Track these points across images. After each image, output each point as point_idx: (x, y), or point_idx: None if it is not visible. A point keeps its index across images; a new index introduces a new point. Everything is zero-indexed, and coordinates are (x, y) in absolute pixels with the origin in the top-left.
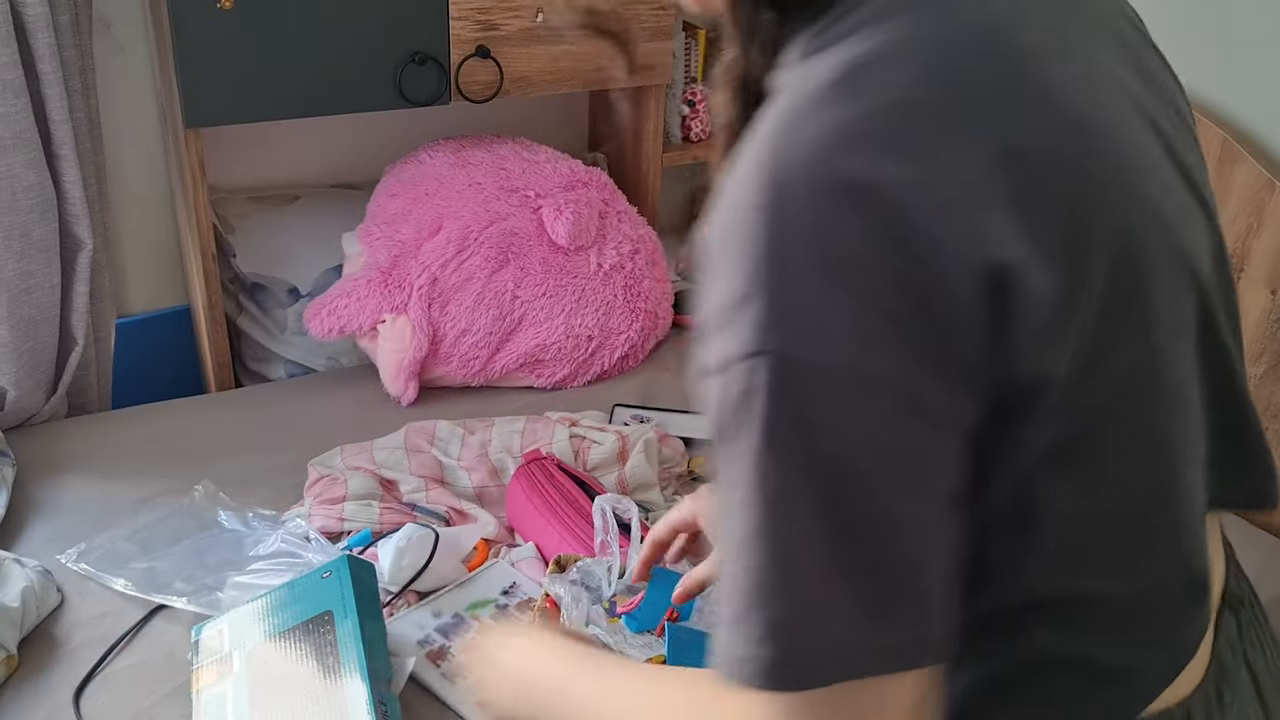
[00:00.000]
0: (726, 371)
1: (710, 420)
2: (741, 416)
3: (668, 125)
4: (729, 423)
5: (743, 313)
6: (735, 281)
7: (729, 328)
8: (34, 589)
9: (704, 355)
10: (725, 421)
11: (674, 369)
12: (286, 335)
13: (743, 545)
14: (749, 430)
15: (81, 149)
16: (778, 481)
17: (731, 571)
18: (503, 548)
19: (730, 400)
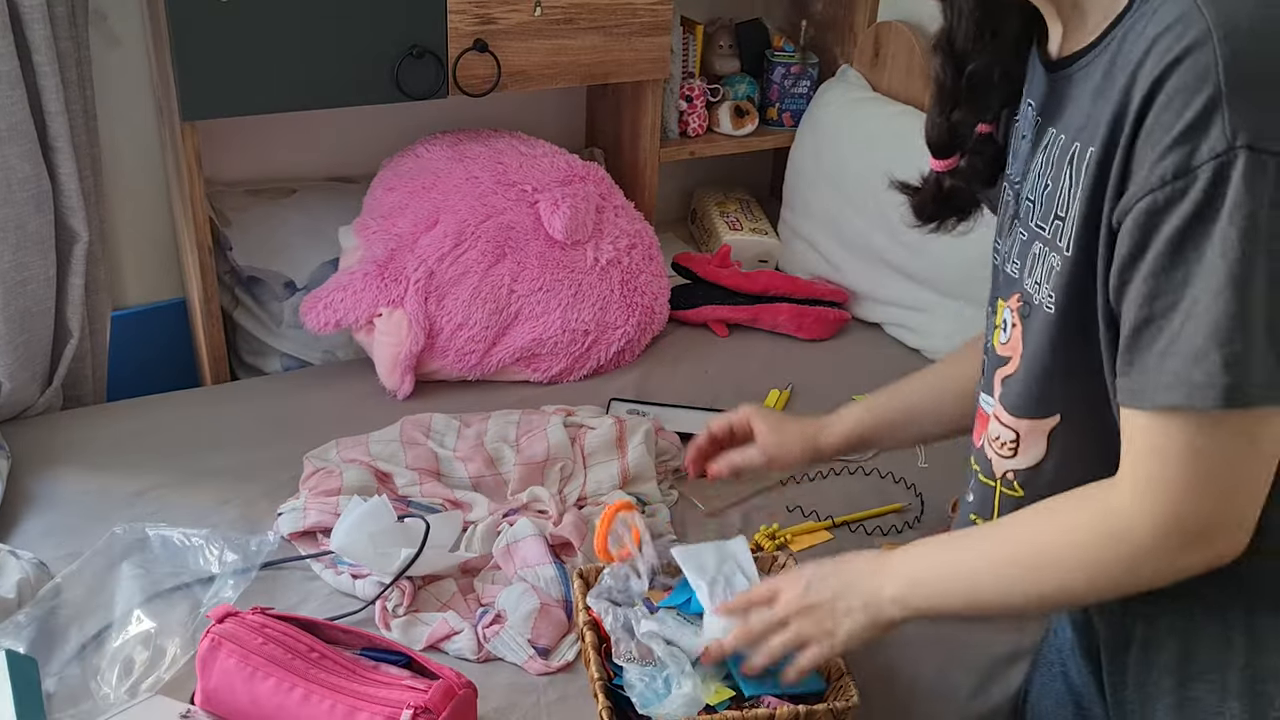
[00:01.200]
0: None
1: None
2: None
3: (665, 120)
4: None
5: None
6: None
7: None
8: (29, 581)
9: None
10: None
11: (671, 363)
12: (282, 328)
13: (1209, 304)
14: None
15: (77, 141)
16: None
17: (1194, 320)
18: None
19: (1199, 195)
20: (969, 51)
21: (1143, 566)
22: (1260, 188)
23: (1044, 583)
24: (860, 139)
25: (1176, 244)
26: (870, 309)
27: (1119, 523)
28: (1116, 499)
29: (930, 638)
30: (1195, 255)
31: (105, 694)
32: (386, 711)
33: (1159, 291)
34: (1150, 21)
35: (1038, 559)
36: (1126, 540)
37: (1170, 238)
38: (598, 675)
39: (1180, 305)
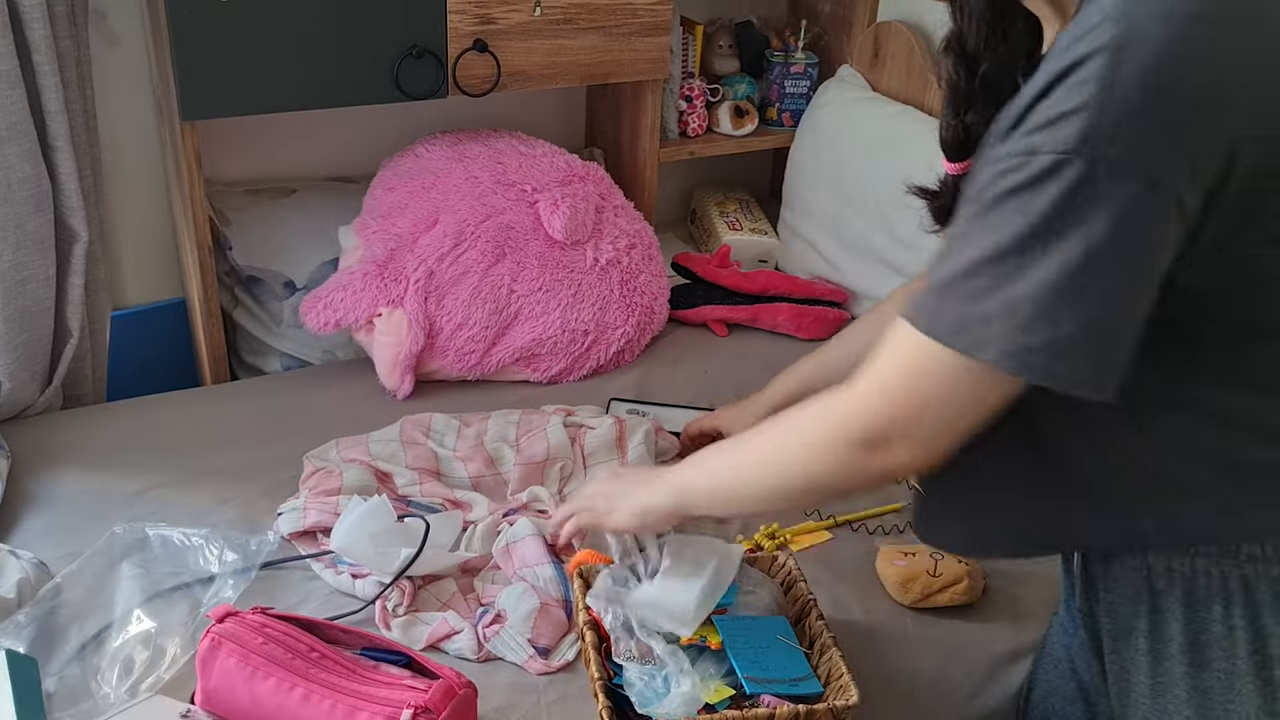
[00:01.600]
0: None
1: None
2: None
3: (665, 120)
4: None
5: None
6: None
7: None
8: (29, 580)
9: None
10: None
11: (670, 363)
12: (282, 328)
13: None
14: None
15: (77, 141)
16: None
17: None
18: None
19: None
20: (981, 53)
21: (833, 451)
22: (1079, 194)
23: (769, 469)
24: (860, 139)
25: (992, 201)
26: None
27: (829, 405)
28: (840, 390)
29: (930, 638)
30: (995, 213)
31: (105, 694)
32: (386, 711)
33: (965, 232)
34: (1077, 23)
35: (770, 447)
36: (827, 419)
37: (991, 196)
38: (598, 675)
39: (963, 250)
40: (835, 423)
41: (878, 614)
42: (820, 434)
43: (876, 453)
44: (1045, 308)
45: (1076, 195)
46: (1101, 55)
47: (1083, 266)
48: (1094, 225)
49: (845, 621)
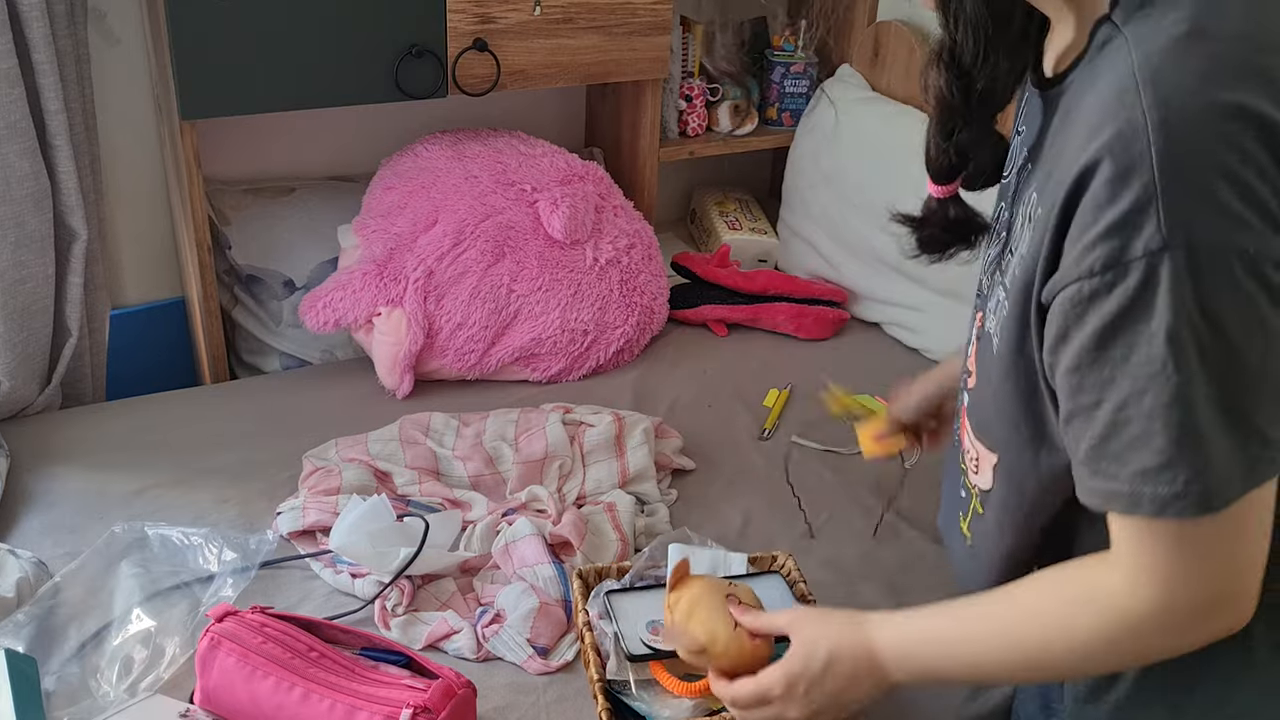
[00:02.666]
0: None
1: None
2: (1142, 305)
3: (664, 120)
4: (1123, 313)
5: (1143, 215)
6: (1132, 191)
7: (1127, 230)
8: (28, 580)
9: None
10: (1119, 312)
11: (670, 363)
12: (282, 328)
13: (1159, 412)
14: (1151, 317)
15: (76, 139)
16: (1183, 360)
17: (1143, 428)
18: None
19: (1130, 292)
20: (975, 66)
21: (1149, 647)
22: (1192, 286)
23: (1052, 665)
24: (859, 139)
25: (1103, 338)
26: (869, 309)
27: (1119, 609)
28: (1112, 583)
29: None
30: (1133, 356)
31: (105, 693)
32: (386, 711)
33: (1085, 385)
34: (1097, 79)
35: (1043, 641)
36: (1123, 622)
37: (1098, 331)
38: (597, 675)
39: (1112, 402)
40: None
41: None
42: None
43: (1201, 626)
44: (1236, 414)
45: (1187, 282)
46: (1149, 133)
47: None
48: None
49: None
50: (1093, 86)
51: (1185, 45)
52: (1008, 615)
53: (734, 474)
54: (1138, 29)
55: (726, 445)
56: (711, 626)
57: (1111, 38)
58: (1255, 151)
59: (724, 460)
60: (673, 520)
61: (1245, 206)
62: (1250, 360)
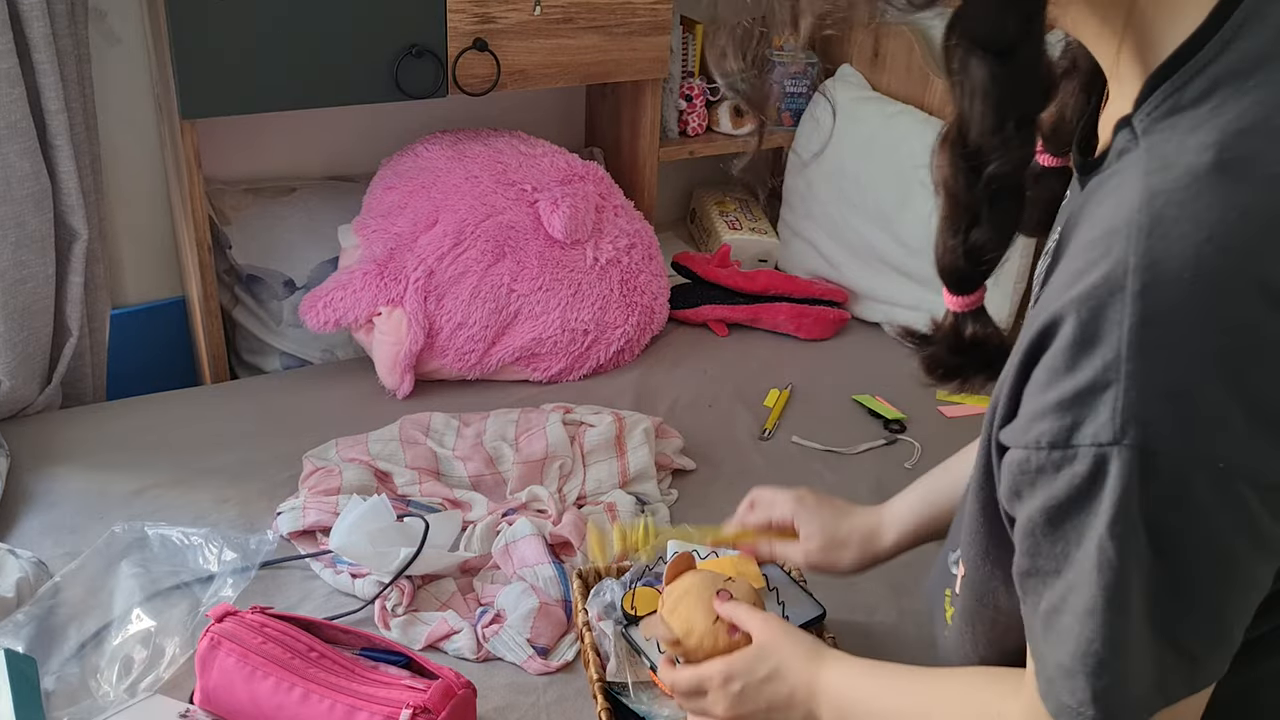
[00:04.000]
0: (1071, 450)
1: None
2: (1088, 497)
3: (665, 120)
4: (1071, 500)
5: (1099, 397)
6: (1093, 364)
7: (1079, 408)
8: (28, 579)
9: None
10: (1066, 498)
11: (670, 363)
12: (282, 327)
13: (1082, 615)
14: (1096, 512)
15: (77, 139)
16: (1120, 566)
17: (1067, 628)
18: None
19: (1076, 480)
20: (988, 147)
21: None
22: (1139, 493)
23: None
24: (860, 139)
25: (1051, 521)
26: (870, 309)
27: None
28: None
29: (927, 639)
30: (1074, 539)
31: (105, 693)
32: (385, 711)
33: (1038, 552)
34: (1106, 199)
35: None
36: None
37: (1046, 508)
38: (597, 676)
39: (1059, 582)
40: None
41: (876, 614)
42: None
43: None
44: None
45: (1136, 484)
46: (1135, 276)
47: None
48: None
49: (844, 621)
50: (1099, 206)
51: (1204, 186)
52: (927, 703)
53: (734, 474)
54: (1157, 146)
55: (727, 445)
56: (689, 619)
57: (1128, 149)
58: (1266, 335)
59: (724, 460)
60: (673, 520)
61: (1239, 413)
62: (1196, 583)
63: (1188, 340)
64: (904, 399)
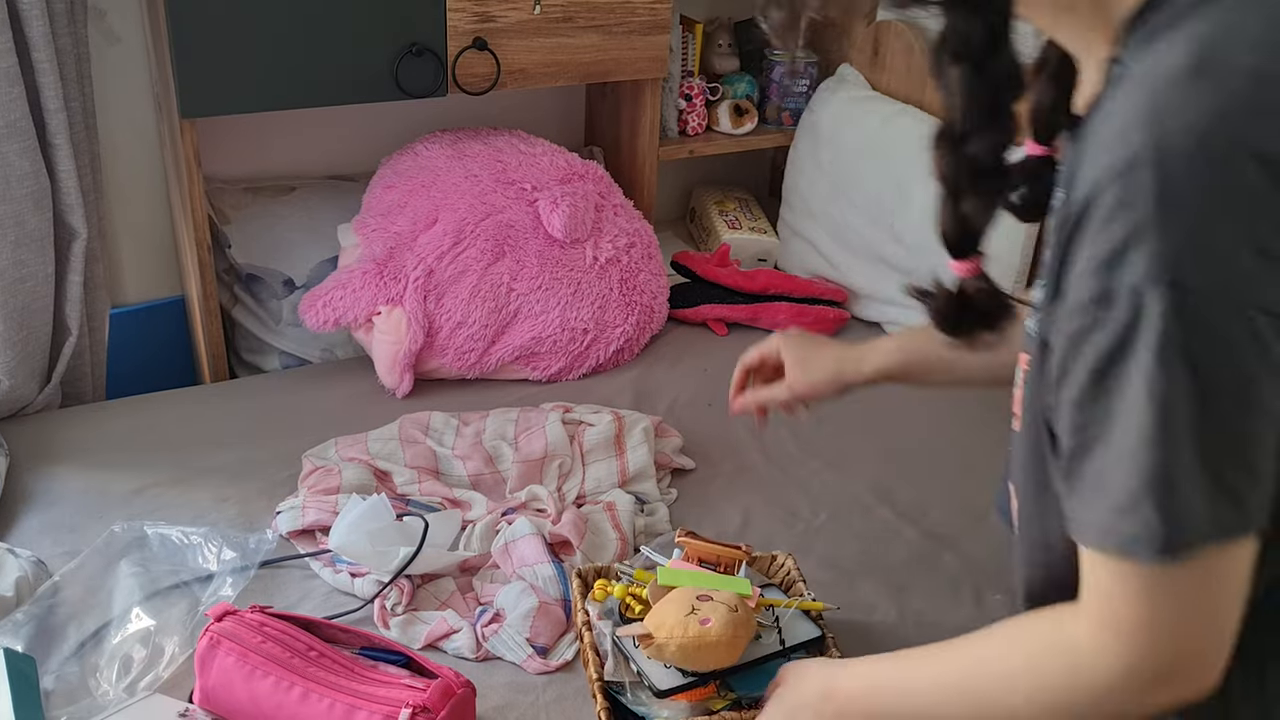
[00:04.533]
0: (1111, 301)
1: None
2: (1131, 341)
3: (664, 119)
4: (1115, 349)
5: (1134, 250)
6: (1125, 226)
7: (1117, 265)
8: (27, 579)
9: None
10: (1110, 348)
11: (670, 362)
12: (281, 326)
13: (1136, 450)
14: (1139, 352)
15: (76, 138)
16: (1167, 395)
17: (1122, 469)
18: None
19: (1119, 326)
20: (969, 134)
21: (1105, 704)
22: (1178, 327)
23: (1004, 713)
24: (860, 138)
25: (1098, 375)
26: (870, 308)
27: (1077, 663)
28: (1076, 632)
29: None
30: (1117, 389)
31: (104, 692)
32: (385, 710)
33: (1084, 423)
34: (1107, 121)
35: (993, 688)
36: (1087, 678)
37: (1092, 367)
38: (596, 675)
39: (1105, 439)
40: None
41: (876, 614)
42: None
43: (1162, 690)
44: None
45: (1174, 319)
46: (1145, 168)
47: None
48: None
49: (844, 621)
50: (1105, 125)
51: (1189, 81)
52: (967, 666)
53: (734, 473)
54: (1143, 65)
55: (726, 444)
56: (661, 613)
57: (1121, 76)
58: (1267, 194)
59: (724, 459)
60: (672, 520)
61: (1248, 254)
62: (1231, 415)
63: (1202, 199)
64: (903, 399)
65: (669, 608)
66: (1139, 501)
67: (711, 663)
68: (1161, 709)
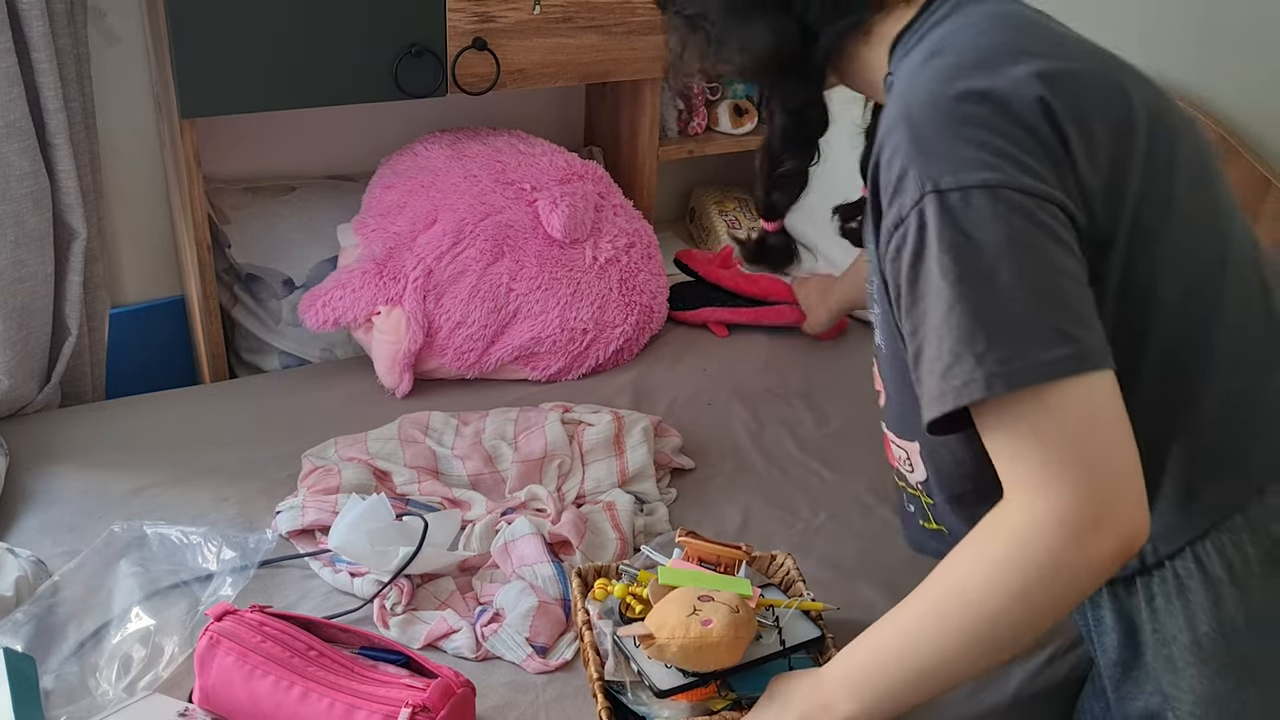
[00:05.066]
0: (903, 222)
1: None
2: (923, 244)
3: (664, 119)
4: (916, 254)
5: (906, 179)
6: (896, 166)
7: (899, 195)
8: (27, 578)
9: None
10: (913, 254)
11: (669, 362)
12: (281, 326)
13: (945, 318)
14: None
15: (76, 138)
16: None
17: (937, 339)
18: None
19: (912, 238)
20: (781, 154)
21: (1051, 568)
22: (949, 216)
23: (977, 618)
24: (859, 138)
25: (910, 282)
26: None
27: (1013, 533)
28: (1005, 513)
29: None
30: (925, 286)
31: (104, 691)
32: (385, 710)
33: (915, 326)
34: (887, 107)
35: (963, 596)
36: (1025, 546)
37: (905, 279)
38: (596, 674)
39: (925, 330)
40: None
41: (876, 612)
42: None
43: (1098, 536)
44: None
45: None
46: (900, 125)
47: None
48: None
49: (844, 620)
50: (884, 113)
51: (924, 64)
52: (927, 595)
53: (733, 473)
54: (901, 68)
55: (726, 444)
56: (662, 614)
57: (892, 83)
58: (982, 114)
59: (723, 459)
60: (672, 520)
61: (982, 152)
62: (1019, 270)
63: (940, 130)
64: None
65: (670, 608)
66: (960, 355)
67: (713, 663)
68: (1107, 557)
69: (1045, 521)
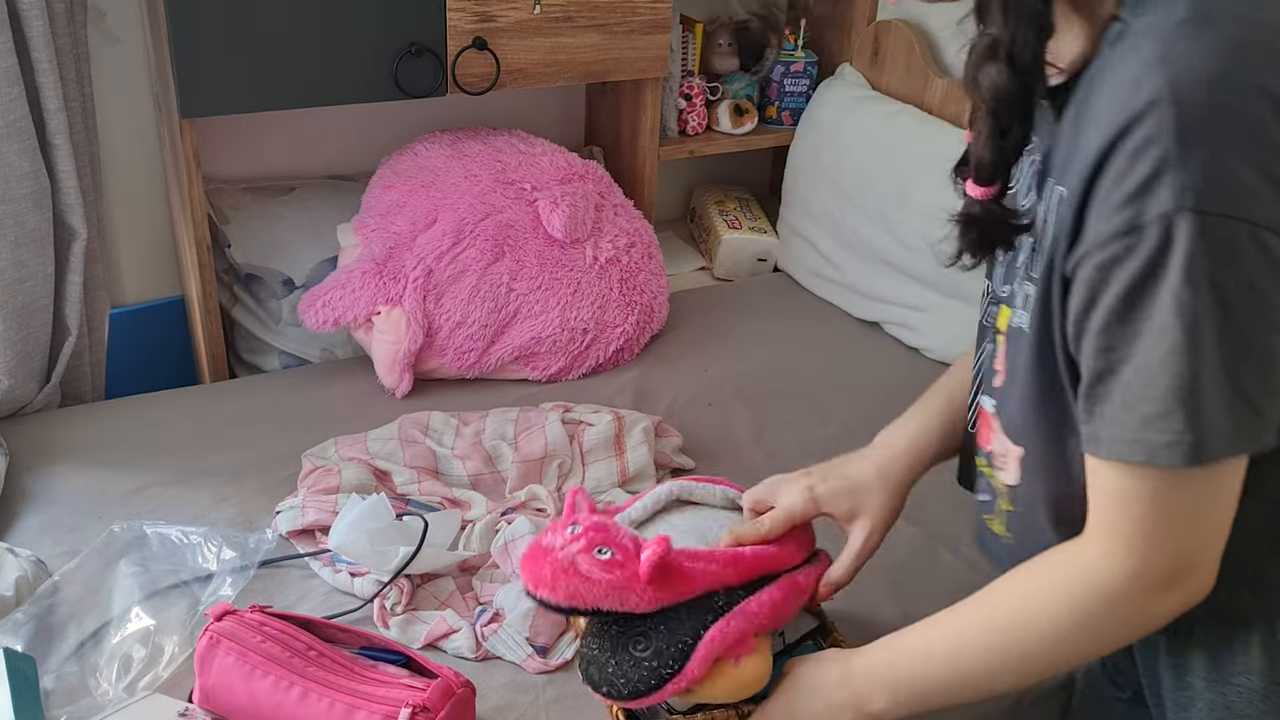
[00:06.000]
0: (1140, 229)
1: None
2: (1160, 265)
3: (664, 119)
4: (1144, 274)
5: (1159, 182)
6: (1149, 161)
7: (1144, 197)
8: (27, 578)
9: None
10: (1139, 273)
11: (670, 362)
12: (281, 326)
13: (1166, 359)
14: (1167, 275)
15: (76, 138)
16: (1194, 312)
17: (1148, 378)
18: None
19: (1148, 253)
20: (1030, 63)
21: (1113, 616)
22: (1203, 249)
23: (1037, 647)
24: (859, 138)
25: (1127, 300)
26: (869, 308)
27: (1086, 574)
28: (1083, 552)
29: None
30: (1145, 312)
31: (104, 691)
32: (384, 710)
33: (1113, 345)
34: (1114, 71)
35: (1011, 619)
36: (1095, 590)
37: (1121, 293)
38: None
39: (1132, 360)
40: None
41: (880, 609)
42: (1082, 597)
43: (1165, 595)
44: (1232, 379)
45: (1199, 244)
46: (1166, 108)
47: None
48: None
49: (844, 620)
50: (1109, 77)
51: (1192, 29)
52: (983, 609)
53: (733, 473)
54: (1144, 21)
55: (726, 444)
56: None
57: (1122, 34)
58: (1274, 126)
59: (723, 459)
60: None
61: (1260, 180)
62: (1251, 332)
63: (1217, 132)
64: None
65: None
66: (1170, 411)
67: (742, 695)
68: (1166, 615)
69: (1123, 571)
